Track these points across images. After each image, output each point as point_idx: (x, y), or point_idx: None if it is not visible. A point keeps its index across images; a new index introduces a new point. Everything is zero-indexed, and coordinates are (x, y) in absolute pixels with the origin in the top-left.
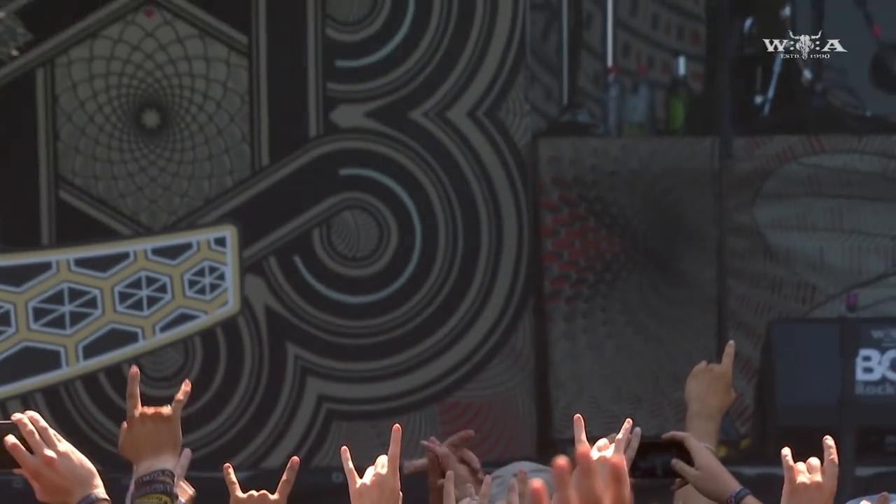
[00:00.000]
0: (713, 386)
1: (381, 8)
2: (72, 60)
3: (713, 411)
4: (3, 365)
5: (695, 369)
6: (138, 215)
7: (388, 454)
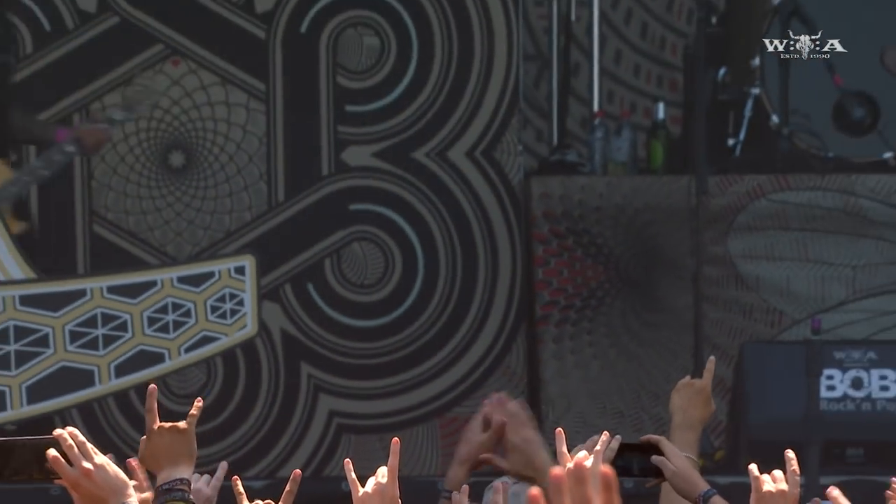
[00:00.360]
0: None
1: (386, 58)
2: (105, 106)
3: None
4: (43, 383)
5: (678, 384)
6: (165, 247)
7: (388, 465)
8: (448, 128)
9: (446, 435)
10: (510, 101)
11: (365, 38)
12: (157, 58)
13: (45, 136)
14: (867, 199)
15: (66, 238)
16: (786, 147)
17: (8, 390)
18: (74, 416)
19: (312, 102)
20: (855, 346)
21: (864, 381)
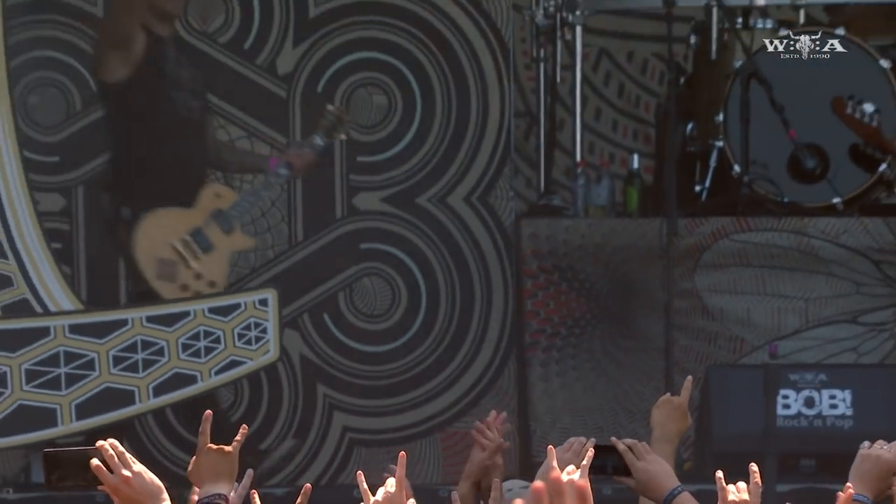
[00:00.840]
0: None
1: (393, 115)
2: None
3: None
4: (89, 402)
5: (659, 400)
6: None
7: (396, 476)
8: (448, 176)
9: (447, 447)
10: (503, 152)
11: (374, 96)
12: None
13: (258, 165)
14: (818, 240)
15: (111, 273)
16: (746, 193)
17: (59, 408)
18: (118, 432)
19: (327, 154)
20: (807, 369)
21: (815, 401)
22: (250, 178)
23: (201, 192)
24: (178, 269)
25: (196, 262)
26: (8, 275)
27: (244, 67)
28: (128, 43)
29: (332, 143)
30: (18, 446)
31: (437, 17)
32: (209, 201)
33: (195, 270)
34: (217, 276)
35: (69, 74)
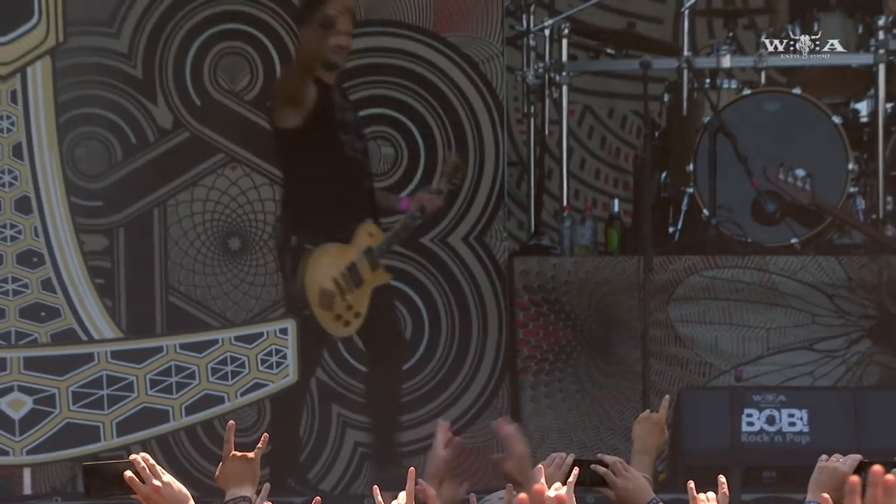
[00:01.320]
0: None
1: (400, 164)
2: (178, 202)
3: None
4: (129, 420)
5: (640, 416)
6: (225, 312)
7: (406, 489)
8: (448, 219)
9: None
10: (497, 197)
11: (383, 148)
12: (219, 164)
13: (392, 206)
14: (778, 276)
15: (148, 305)
16: (714, 234)
17: (102, 426)
18: (154, 446)
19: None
20: (768, 391)
21: (776, 419)
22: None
23: (357, 230)
24: (335, 300)
25: (349, 294)
26: (56, 307)
27: (267, 122)
28: (301, 96)
29: (452, 187)
30: (66, 459)
31: (440, 77)
32: (363, 239)
33: (347, 302)
34: (362, 307)
35: (111, 129)
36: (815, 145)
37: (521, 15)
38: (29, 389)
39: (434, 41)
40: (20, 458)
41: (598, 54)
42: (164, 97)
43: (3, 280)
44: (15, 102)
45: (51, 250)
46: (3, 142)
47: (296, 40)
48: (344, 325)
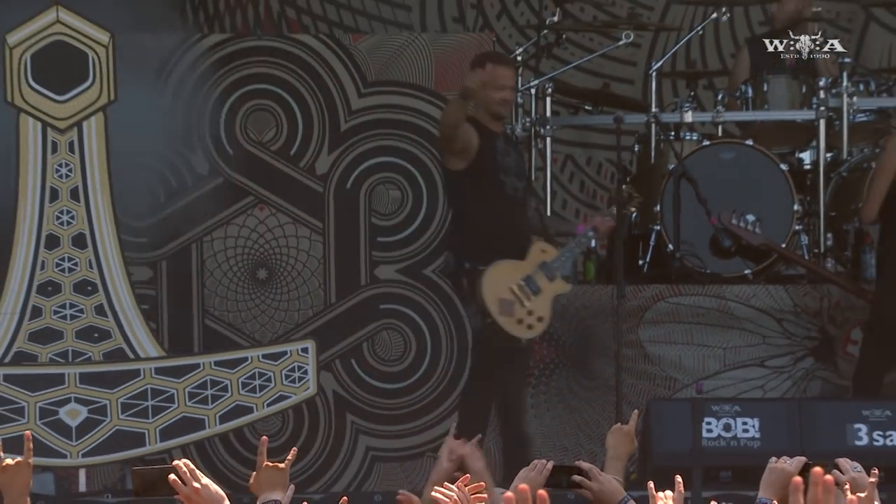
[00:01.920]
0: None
1: (405, 205)
2: (213, 238)
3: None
4: (170, 428)
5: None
6: (254, 334)
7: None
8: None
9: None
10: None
11: (390, 191)
12: (249, 205)
13: (567, 230)
14: (733, 302)
15: (186, 327)
16: (678, 266)
17: (147, 432)
18: (192, 451)
19: (354, 235)
20: (725, 402)
21: (731, 426)
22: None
23: (530, 248)
24: (515, 307)
25: (528, 301)
26: (108, 329)
27: (290, 169)
28: (469, 146)
29: (626, 215)
30: (115, 462)
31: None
32: (537, 255)
33: (528, 308)
34: (544, 312)
35: (155, 175)
36: (765, 189)
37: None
38: (84, 401)
39: (435, 98)
40: (76, 461)
41: (578, 110)
42: (202, 147)
43: (62, 306)
44: (72, 152)
45: (103, 280)
46: (62, 186)
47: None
48: (527, 328)
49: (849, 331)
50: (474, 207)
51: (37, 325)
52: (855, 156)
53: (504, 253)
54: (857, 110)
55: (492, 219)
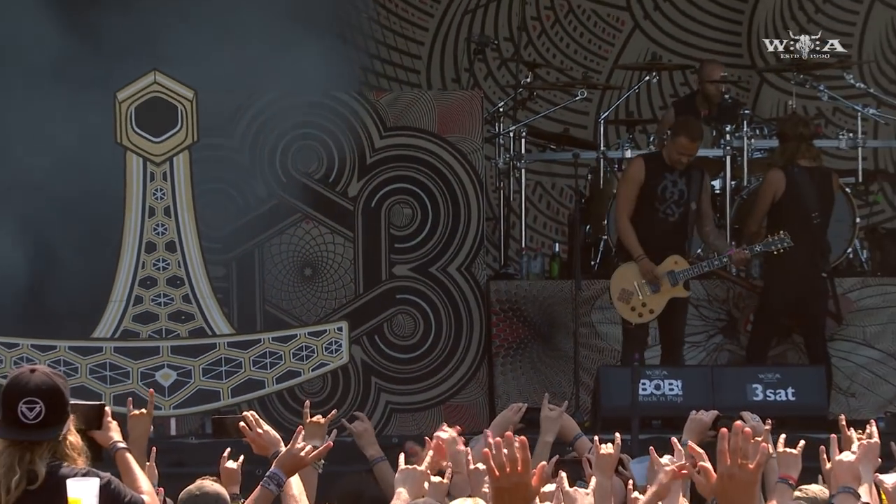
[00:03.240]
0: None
1: (416, 219)
2: (271, 244)
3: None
4: (239, 387)
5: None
6: (301, 316)
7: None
8: (448, 255)
9: (448, 415)
10: (479, 241)
11: (404, 209)
12: (297, 220)
13: (721, 247)
14: None
15: (253, 313)
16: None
17: (221, 391)
18: (255, 405)
19: (376, 242)
20: (656, 368)
21: (661, 386)
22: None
23: (666, 258)
24: (632, 297)
25: (645, 297)
26: (192, 313)
27: (328, 192)
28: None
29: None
30: (197, 413)
31: (442, 163)
32: (669, 265)
33: (642, 300)
34: (656, 307)
35: (227, 197)
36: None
37: (495, 122)
38: (174, 367)
39: (438, 139)
40: (169, 412)
41: (545, 149)
42: (261, 176)
43: (157, 296)
44: (165, 180)
45: (188, 276)
46: (157, 205)
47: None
48: (638, 316)
49: (747, 315)
50: (635, 225)
51: (139, 309)
52: (753, 183)
53: (651, 256)
54: (754, 149)
55: (645, 233)
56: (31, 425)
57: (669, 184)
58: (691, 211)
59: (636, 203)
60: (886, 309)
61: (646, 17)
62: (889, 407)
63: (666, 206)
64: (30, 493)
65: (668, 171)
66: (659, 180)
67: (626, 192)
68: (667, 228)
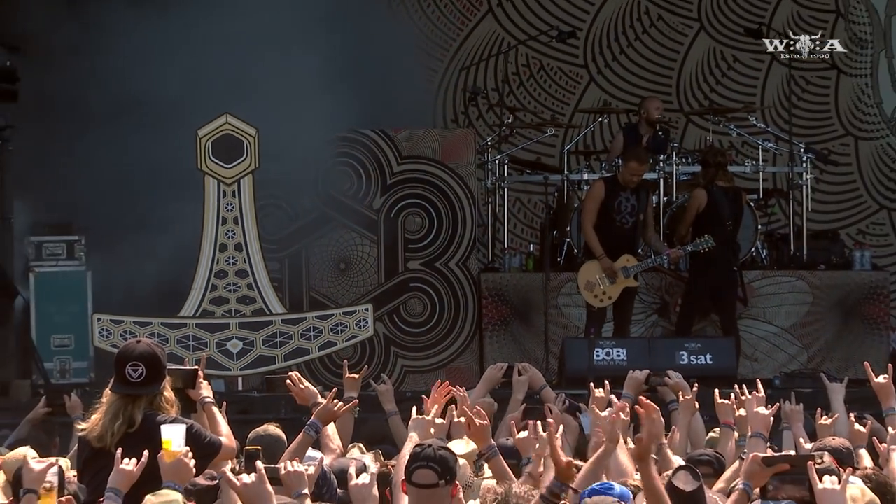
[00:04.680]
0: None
1: (424, 227)
2: (315, 245)
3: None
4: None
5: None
6: (337, 300)
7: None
8: (449, 253)
9: (449, 376)
10: (472, 242)
11: (416, 218)
12: (335, 226)
13: (660, 249)
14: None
15: (300, 298)
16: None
17: (276, 357)
18: (302, 367)
19: (394, 244)
20: (607, 339)
21: (611, 353)
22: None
23: (621, 257)
24: (595, 287)
25: (605, 287)
26: (254, 297)
27: (358, 205)
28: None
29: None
30: (258, 374)
31: (444, 183)
32: (623, 262)
33: (603, 289)
34: (613, 294)
35: (280, 210)
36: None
37: (484, 153)
38: (241, 338)
39: (441, 166)
40: (236, 372)
41: (522, 172)
42: (306, 193)
43: (228, 284)
44: (234, 196)
45: (251, 269)
46: (228, 216)
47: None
48: (599, 301)
49: (676, 299)
50: (597, 231)
51: (214, 295)
52: (680, 199)
53: (609, 254)
54: (682, 173)
55: (604, 238)
56: (134, 383)
57: (623, 199)
58: (640, 220)
59: (598, 214)
60: (779, 294)
61: (599, 73)
62: (783, 368)
63: (621, 216)
64: (129, 434)
65: (623, 190)
66: (615, 197)
67: (590, 206)
68: (622, 234)
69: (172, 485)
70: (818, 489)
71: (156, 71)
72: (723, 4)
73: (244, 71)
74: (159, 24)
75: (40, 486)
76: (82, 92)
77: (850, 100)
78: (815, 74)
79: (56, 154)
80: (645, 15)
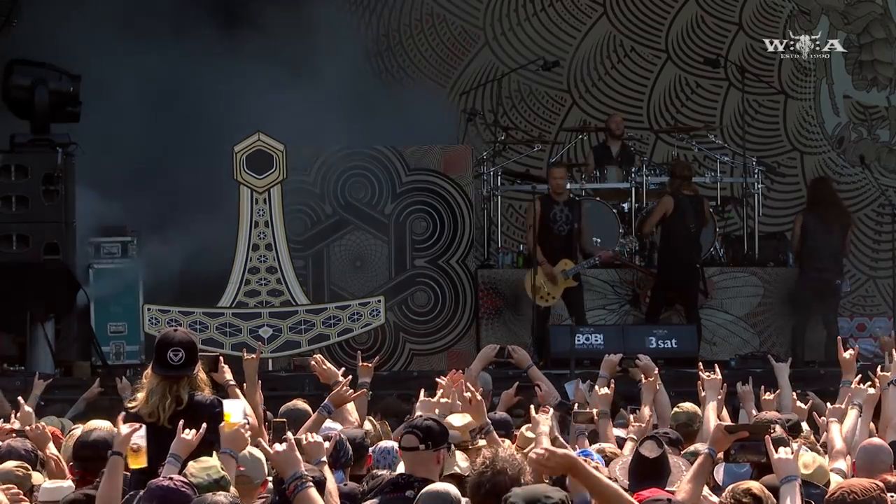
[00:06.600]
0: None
1: (430, 229)
2: (334, 246)
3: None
4: (313, 339)
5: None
6: (354, 293)
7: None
8: (451, 252)
9: (450, 359)
10: (470, 243)
11: (422, 221)
12: (351, 229)
13: (592, 252)
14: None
15: (322, 290)
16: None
17: (301, 342)
18: (324, 351)
19: (403, 244)
20: (587, 326)
21: (590, 338)
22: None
23: (560, 261)
24: (541, 290)
25: (549, 288)
26: (282, 290)
27: (371, 210)
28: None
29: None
30: (286, 356)
31: (446, 192)
32: (562, 265)
33: (548, 291)
34: (556, 294)
35: (304, 215)
36: (604, 222)
37: (481, 166)
38: (271, 325)
39: (444, 177)
40: (267, 355)
41: (513, 182)
42: (328, 200)
43: (259, 279)
44: (265, 203)
45: (280, 266)
46: (260, 220)
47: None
48: (545, 301)
49: (646, 291)
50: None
51: (248, 288)
52: (650, 206)
53: (550, 260)
54: (651, 183)
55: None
56: (175, 366)
57: (558, 211)
58: (574, 229)
59: (539, 226)
60: (735, 287)
61: (580, 97)
62: (738, 351)
63: (558, 226)
64: (178, 412)
65: (556, 203)
66: (550, 209)
67: (530, 221)
68: (559, 241)
69: (229, 451)
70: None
71: (200, 99)
72: (686, 38)
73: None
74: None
75: (126, 448)
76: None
77: (796, 120)
78: (766, 98)
79: (112, 169)
80: (620, 47)
